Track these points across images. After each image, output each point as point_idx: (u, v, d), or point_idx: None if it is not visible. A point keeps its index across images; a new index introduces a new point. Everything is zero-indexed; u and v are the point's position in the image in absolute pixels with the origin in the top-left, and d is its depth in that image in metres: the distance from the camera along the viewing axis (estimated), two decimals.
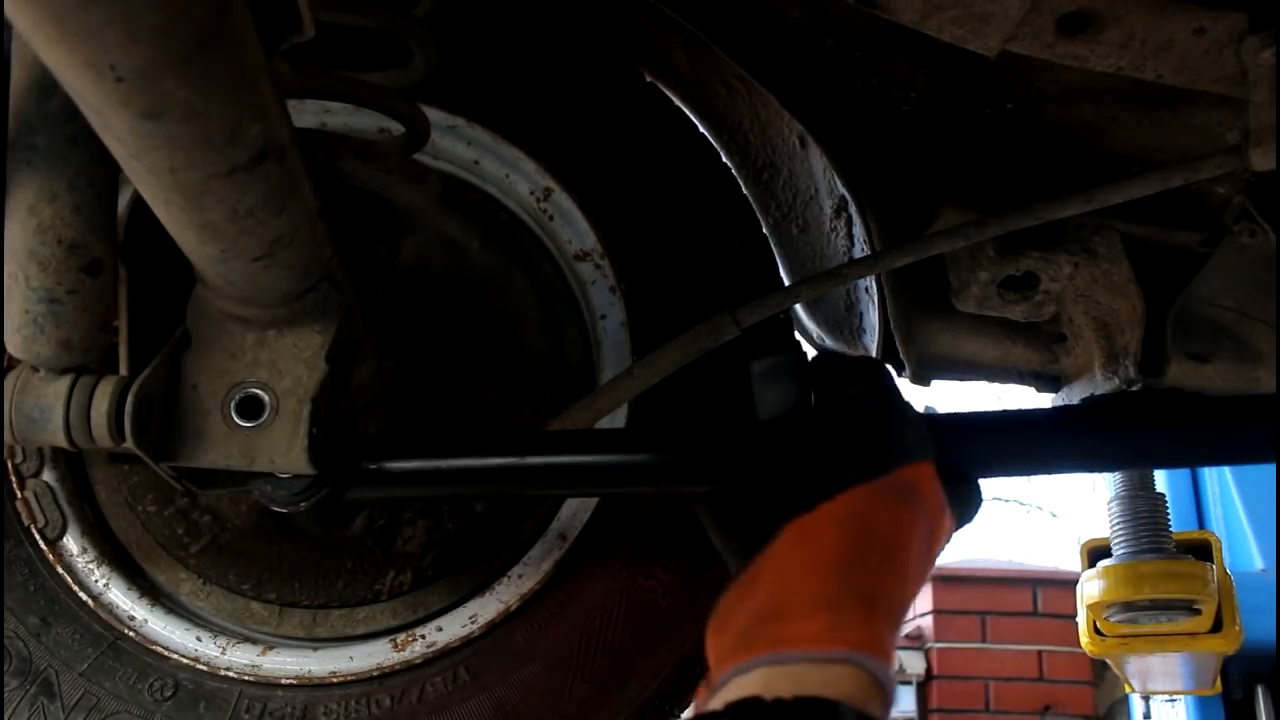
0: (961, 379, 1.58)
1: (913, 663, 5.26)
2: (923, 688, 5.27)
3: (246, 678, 1.18)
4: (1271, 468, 1.10)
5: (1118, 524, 1.50)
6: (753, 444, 0.91)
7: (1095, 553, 1.62)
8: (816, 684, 0.68)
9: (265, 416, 0.92)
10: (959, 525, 0.91)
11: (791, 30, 1.21)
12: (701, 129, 1.39)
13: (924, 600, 5.42)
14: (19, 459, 1.23)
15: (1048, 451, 1.05)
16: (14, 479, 1.22)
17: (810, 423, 0.88)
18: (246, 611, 1.24)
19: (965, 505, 0.91)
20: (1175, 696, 3.19)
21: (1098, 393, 1.37)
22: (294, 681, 1.18)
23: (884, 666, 0.70)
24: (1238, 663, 3.18)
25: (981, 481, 0.96)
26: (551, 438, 1.10)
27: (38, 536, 1.21)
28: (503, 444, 1.04)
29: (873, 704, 0.68)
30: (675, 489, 1.02)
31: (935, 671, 5.24)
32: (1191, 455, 1.13)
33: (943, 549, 0.87)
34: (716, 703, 0.69)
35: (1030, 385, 1.57)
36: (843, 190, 1.33)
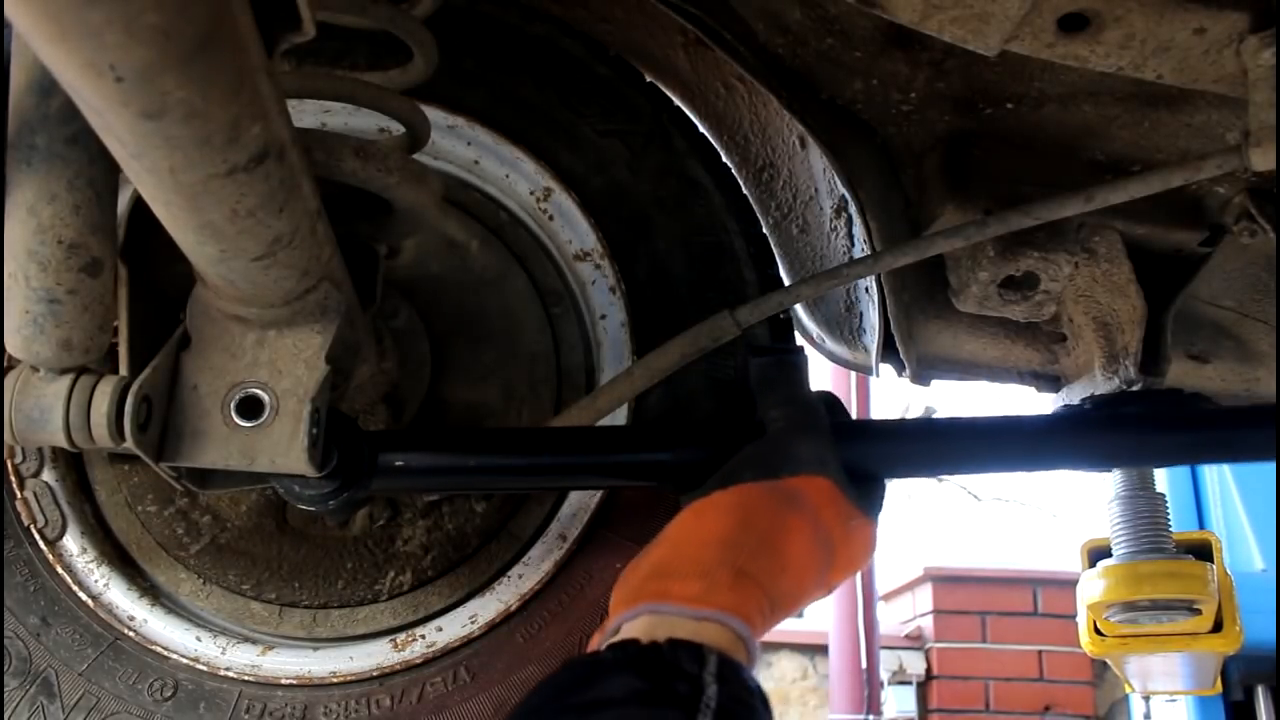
0: (961, 379, 1.58)
1: (913, 663, 5.26)
2: (923, 688, 5.27)
3: (246, 678, 1.18)
4: (1271, 467, 1.10)
5: (1118, 524, 1.50)
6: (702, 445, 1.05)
7: (1095, 553, 1.62)
8: (689, 632, 0.79)
9: (265, 416, 0.92)
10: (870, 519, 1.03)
11: (791, 31, 1.21)
12: (702, 129, 1.39)
13: (924, 600, 5.43)
14: (19, 459, 1.23)
15: (940, 454, 1.13)
16: (14, 479, 1.22)
17: (741, 432, 1.02)
18: (246, 611, 1.24)
19: (872, 502, 1.03)
20: (1175, 696, 3.19)
21: (1098, 392, 1.37)
22: (294, 681, 1.18)
23: (747, 629, 0.82)
24: (1238, 663, 3.19)
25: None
26: (558, 435, 1.13)
27: (38, 536, 1.21)
28: (510, 439, 1.11)
29: (738, 654, 0.79)
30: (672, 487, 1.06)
31: (935, 671, 5.25)
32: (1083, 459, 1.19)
33: (864, 549, 1.00)
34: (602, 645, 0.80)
35: (1030, 385, 1.57)
36: (843, 190, 1.33)
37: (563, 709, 0.72)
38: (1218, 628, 1.57)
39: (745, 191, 1.41)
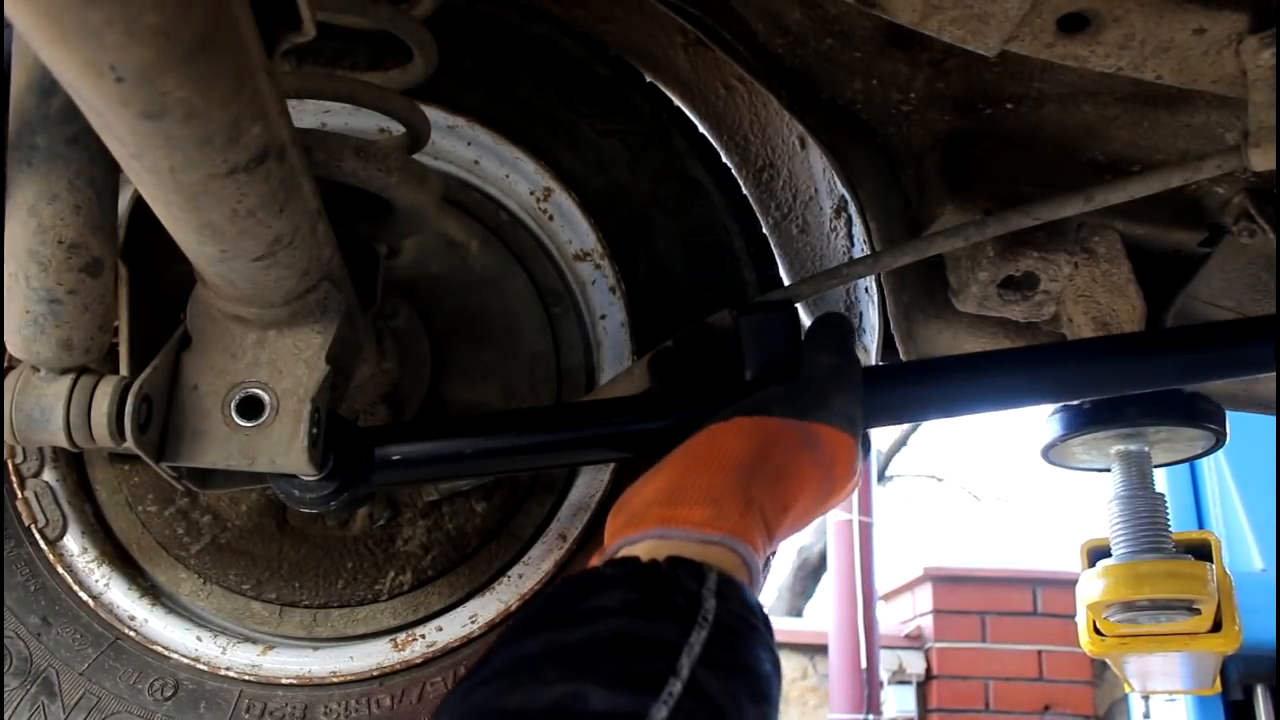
0: None
1: (913, 663, 5.27)
2: (923, 688, 5.27)
3: (247, 677, 1.18)
4: (1271, 467, 1.10)
5: (1117, 524, 1.50)
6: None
7: (1095, 553, 1.62)
8: (695, 554, 0.78)
9: (265, 416, 0.92)
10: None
11: (791, 31, 1.21)
12: (702, 129, 1.39)
13: (924, 600, 5.43)
14: (19, 459, 1.23)
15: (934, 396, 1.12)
16: (14, 479, 1.22)
17: (738, 392, 1.00)
18: (247, 611, 1.24)
19: (865, 453, 1.03)
20: (1174, 696, 3.20)
21: None
22: (294, 681, 1.18)
23: (753, 554, 0.82)
24: (1237, 663, 3.19)
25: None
26: (554, 413, 1.14)
27: (38, 536, 1.21)
28: (504, 420, 1.10)
29: (741, 575, 0.79)
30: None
31: (935, 671, 5.25)
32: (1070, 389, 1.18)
33: (846, 498, 1.00)
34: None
35: None
36: (843, 190, 1.34)
37: (556, 616, 0.71)
38: (1217, 627, 1.57)
39: (745, 191, 1.41)
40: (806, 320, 1.66)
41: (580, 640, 0.69)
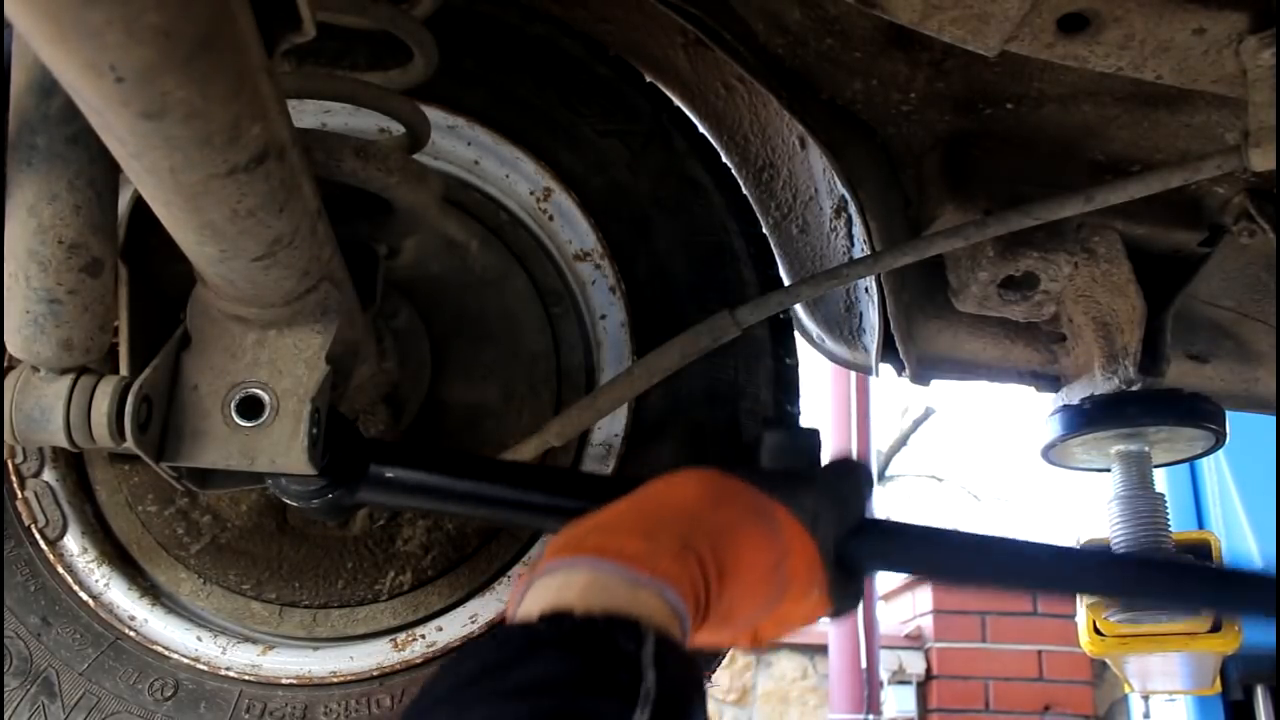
0: (961, 379, 1.58)
1: (913, 663, 5.26)
2: (923, 688, 5.27)
3: (247, 677, 1.18)
4: (1272, 468, 1.10)
5: (1118, 524, 1.50)
6: None
7: None
8: (624, 600, 0.76)
9: (265, 416, 0.92)
10: (837, 612, 0.99)
11: (791, 31, 1.21)
12: (702, 129, 1.39)
13: (924, 600, 5.42)
14: (19, 459, 1.23)
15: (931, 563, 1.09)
16: (14, 479, 1.22)
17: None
18: (247, 611, 1.24)
19: (845, 595, 0.99)
20: (1174, 696, 3.19)
21: (1098, 392, 1.37)
22: (294, 681, 1.18)
23: (681, 603, 0.78)
24: (1237, 662, 3.19)
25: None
26: (551, 475, 1.13)
27: (38, 536, 1.21)
28: (504, 473, 1.09)
29: (671, 627, 0.76)
30: None
31: (935, 671, 5.24)
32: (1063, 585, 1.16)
33: (805, 622, 0.97)
34: (531, 602, 0.77)
35: (1030, 385, 1.57)
36: (843, 190, 1.34)
37: (495, 691, 0.68)
38: (1217, 627, 1.57)
39: (745, 191, 1.41)
40: (807, 319, 1.66)
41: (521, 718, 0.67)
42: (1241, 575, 1.10)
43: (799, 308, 1.63)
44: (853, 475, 1.00)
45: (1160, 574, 1.14)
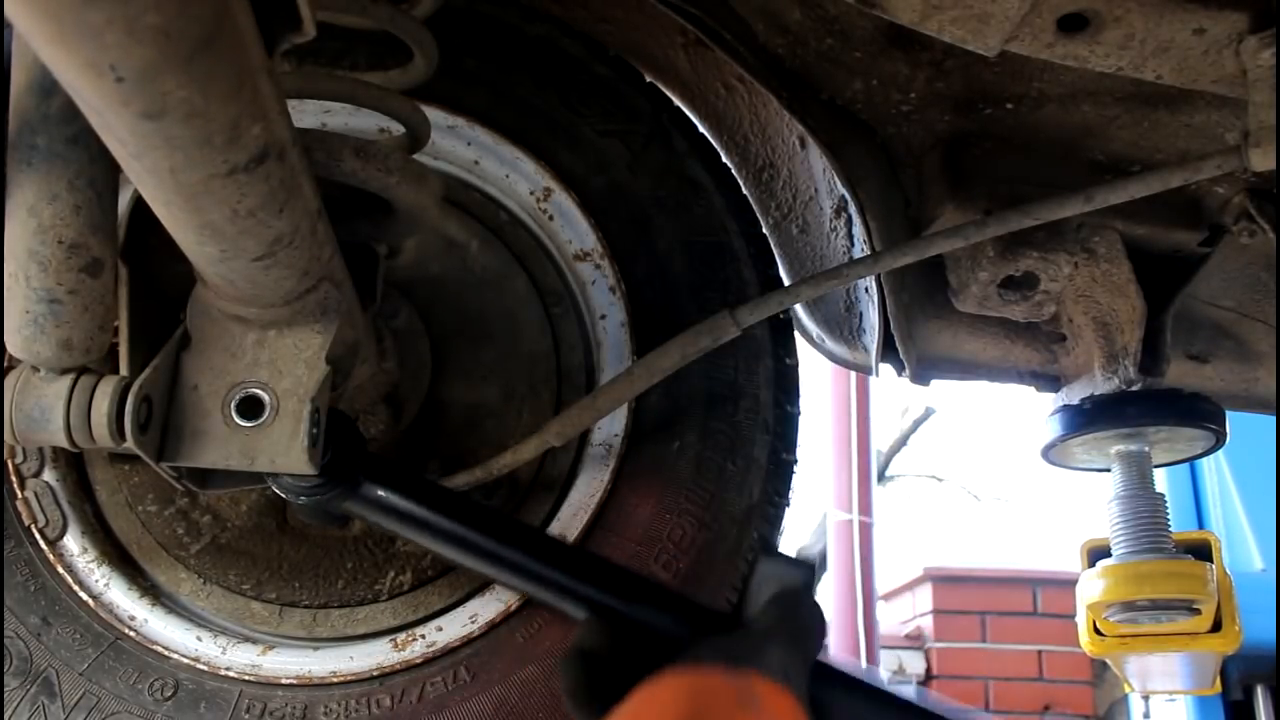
0: (961, 379, 1.58)
1: (913, 663, 5.27)
2: (923, 687, 5.27)
3: (247, 677, 1.18)
4: (1272, 467, 1.10)
5: (1118, 524, 1.50)
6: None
7: (1095, 553, 1.63)
8: None
9: (265, 416, 0.92)
10: None
11: (791, 31, 1.21)
12: (702, 129, 1.39)
13: (924, 600, 5.43)
14: (19, 459, 1.23)
15: None
16: (14, 479, 1.22)
17: (716, 619, 0.97)
18: (247, 611, 1.24)
19: None
20: (1175, 696, 3.20)
21: (1098, 392, 1.37)
22: (294, 681, 1.18)
23: None
24: (1237, 663, 3.19)
25: None
26: (541, 542, 1.12)
27: (38, 536, 1.21)
28: (491, 525, 1.08)
29: None
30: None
31: (935, 671, 5.25)
32: None
33: None
34: None
35: (1030, 385, 1.57)
36: (843, 190, 1.34)
37: None
38: (1217, 627, 1.57)
39: (745, 191, 1.41)
40: (807, 319, 1.66)
41: None
42: None
43: (799, 308, 1.63)
44: (808, 613, 0.99)
45: None
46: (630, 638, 0.98)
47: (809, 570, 1.03)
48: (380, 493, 1.05)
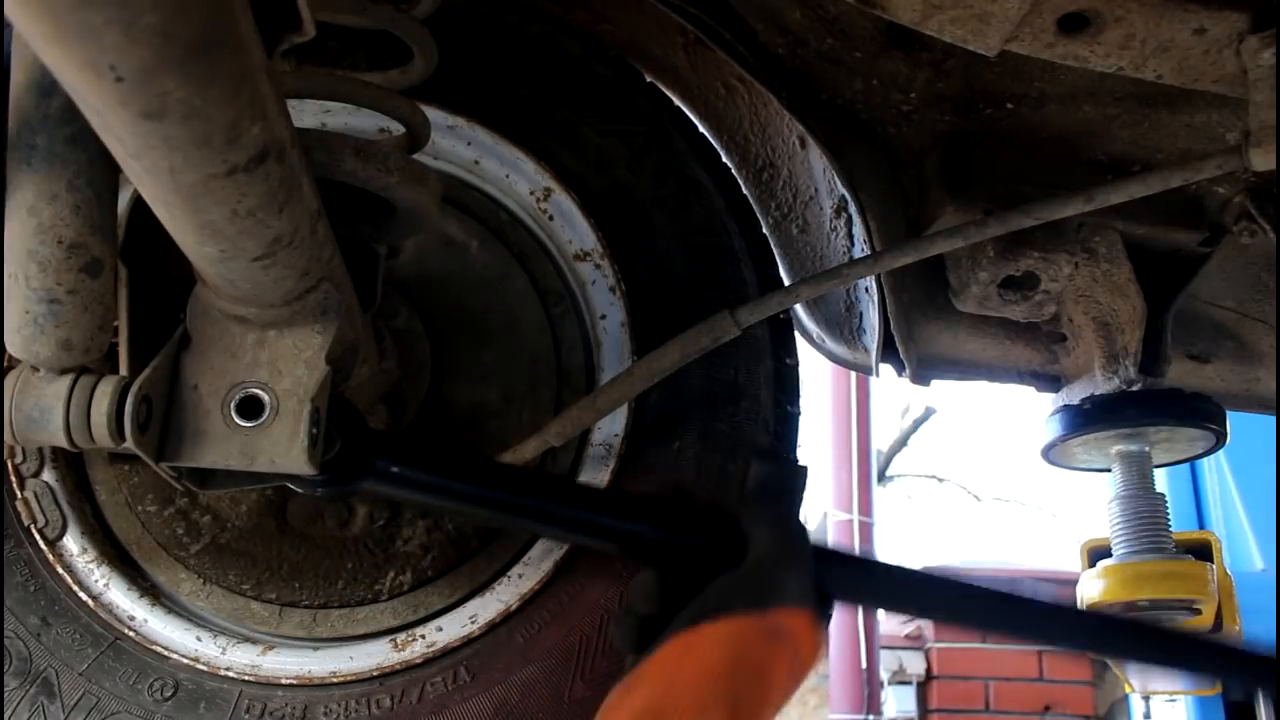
0: (961, 378, 1.58)
1: (913, 663, 5.27)
2: (923, 688, 5.27)
3: (246, 677, 1.18)
4: (1272, 467, 1.10)
5: (1118, 524, 1.50)
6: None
7: (1095, 553, 1.63)
8: None
9: (265, 416, 0.92)
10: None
11: (791, 31, 1.21)
12: (702, 129, 1.39)
13: None
14: (19, 459, 1.23)
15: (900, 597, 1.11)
16: (14, 479, 1.22)
17: (726, 537, 1.01)
18: (246, 611, 1.24)
19: (827, 620, 1.04)
20: (1175, 696, 3.19)
21: (1098, 392, 1.37)
22: (294, 681, 1.18)
23: None
24: None
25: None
26: (559, 486, 1.12)
27: (38, 536, 1.21)
28: (506, 478, 1.08)
29: None
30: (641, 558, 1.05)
31: (935, 671, 5.25)
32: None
33: (814, 666, 1.00)
34: None
35: (1030, 385, 1.57)
36: (843, 190, 1.33)
37: None
38: (1217, 627, 1.57)
39: (745, 191, 1.41)
40: (807, 319, 1.66)
41: None
42: (1207, 644, 1.11)
43: (799, 308, 1.63)
44: (785, 505, 1.05)
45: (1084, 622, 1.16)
46: (673, 583, 1.01)
47: (804, 470, 1.06)
48: (395, 468, 1.05)
